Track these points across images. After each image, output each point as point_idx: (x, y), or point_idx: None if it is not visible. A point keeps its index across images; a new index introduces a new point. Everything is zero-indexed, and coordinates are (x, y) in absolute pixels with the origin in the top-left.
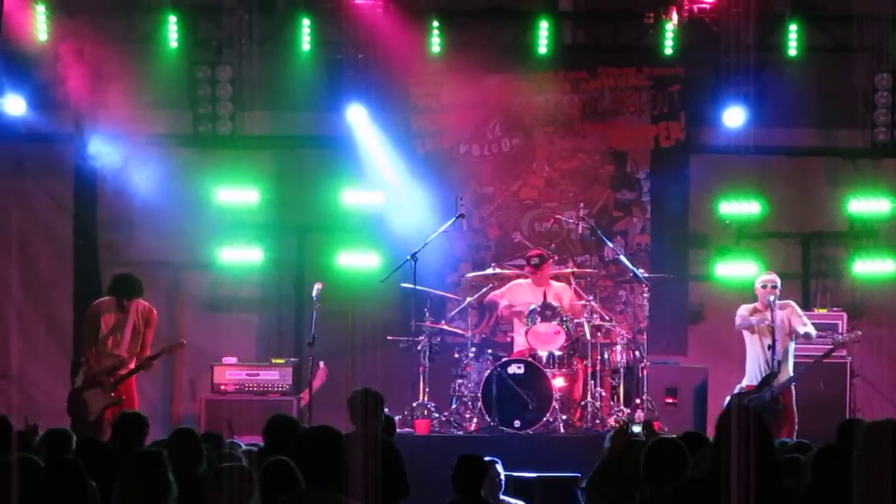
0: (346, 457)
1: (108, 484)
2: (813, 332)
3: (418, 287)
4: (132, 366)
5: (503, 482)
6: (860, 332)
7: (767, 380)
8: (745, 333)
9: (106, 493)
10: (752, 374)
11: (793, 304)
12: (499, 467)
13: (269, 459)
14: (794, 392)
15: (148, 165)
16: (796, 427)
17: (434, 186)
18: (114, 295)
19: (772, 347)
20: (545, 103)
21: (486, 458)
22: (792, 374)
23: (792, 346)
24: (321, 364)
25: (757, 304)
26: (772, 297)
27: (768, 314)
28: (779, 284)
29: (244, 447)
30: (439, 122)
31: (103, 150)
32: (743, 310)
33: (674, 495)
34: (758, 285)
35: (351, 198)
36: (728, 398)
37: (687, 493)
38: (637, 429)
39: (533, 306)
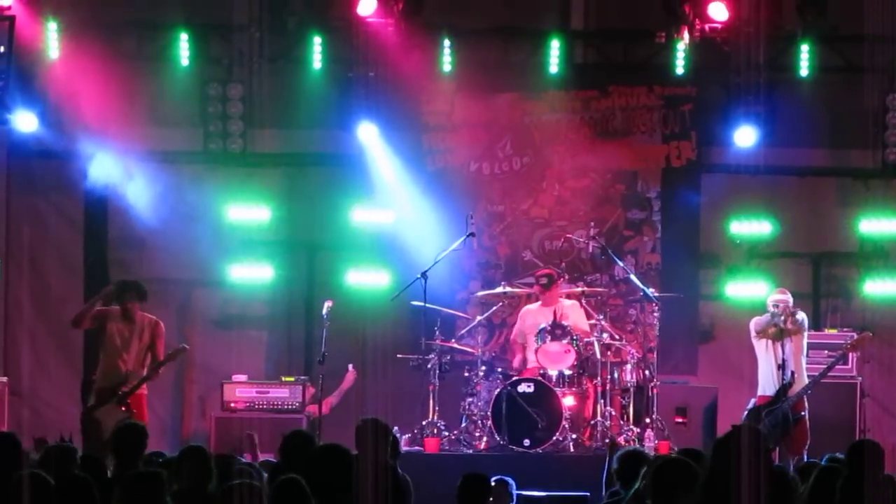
0: (356, 477)
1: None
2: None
3: (428, 305)
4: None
5: (514, 500)
6: (870, 333)
7: (783, 391)
8: (757, 346)
9: None
10: (765, 385)
11: (801, 315)
12: (511, 488)
13: (280, 477)
14: (807, 404)
15: (158, 183)
16: (808, 437)
17: (444, 204)
18: (119, 301)
19: (781, 367)
20: (556, 122)
21: (498, 477)
22: (806, 382)
23: (804, 358)
24: (350, 367)
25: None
26: (782, 318)
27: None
28: (791, 304)
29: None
30: (450, 140)
31: (114, 168)
32: (758, 320)
33: None
34: (770, 305)
35: (361, 216)
36: (745, 412)
37: None
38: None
39: (543, 325)
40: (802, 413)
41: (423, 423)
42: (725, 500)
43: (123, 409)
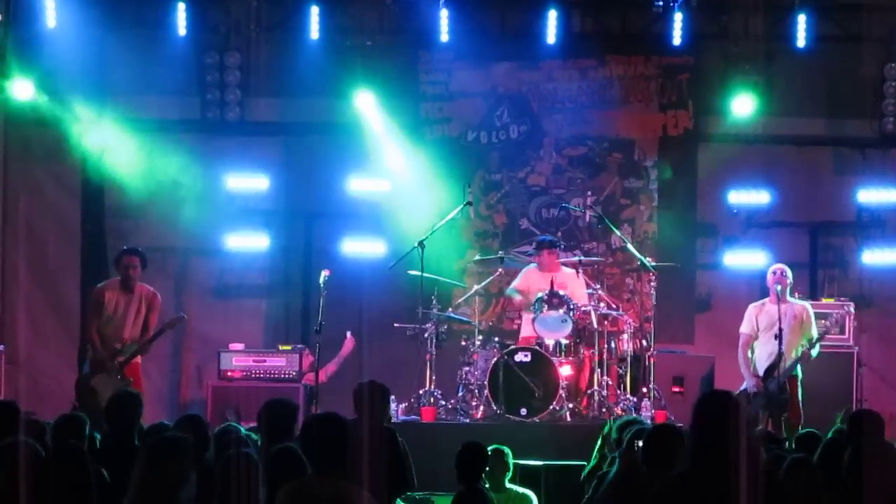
0: (352, 443)
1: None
2: (815, 351)
3: (425, 274)
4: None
5: (511, 469)
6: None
7: (770, 371)
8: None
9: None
10: (759, 366)
11: (809, 307)
12: (509, 457)
13: (276, 446)
14: (799, 381)
15: (156, 151)
16: (802, 417)
17: (442, 173)
18: (119, 267)
19: (778, 336)
20: (553, 91)
21: (495, 446)
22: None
23: (799, 340)
24: (348, 334)
25: (767, 300)
26: (779, 287)
27: (775, 308)
28: (788, 274)
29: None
30: (448, 110)
31: (112, 136)
32: (748, 318)
33: (657, 495)
34: (768, 275)
35: (357, 185)
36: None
37: (669, 490)
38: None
39: (540, 294)
40: (788, 393)
41: (420, 392)
42: (712, 465)
43: (119, 378)
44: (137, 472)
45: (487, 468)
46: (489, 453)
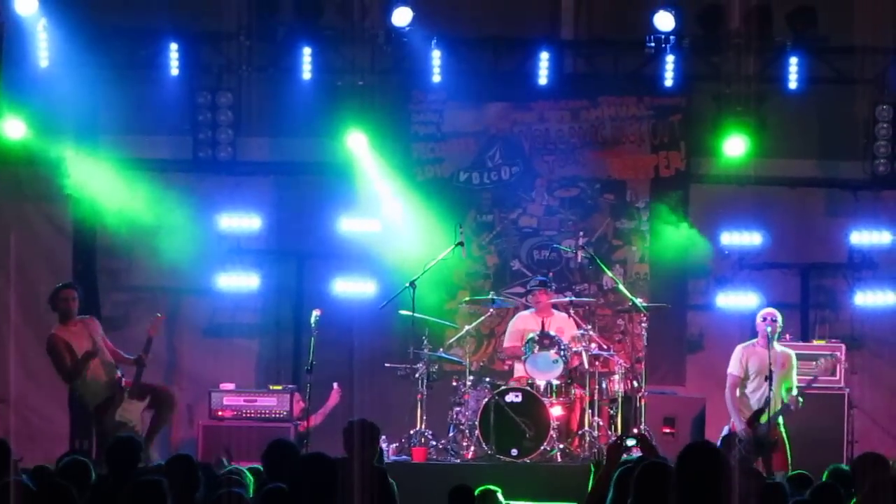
0: (341, 484)
1: None
2: (792, 402)
3: (417, 314)
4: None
5: None
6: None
7: (758, 415)
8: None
9: None
10: (751, 410)
11: (793, 355)
12: (499, 495)
13: (265, 487)
14: (783, 429)
15: (148, 190)
16: (790, 460)
17: (434, 214)
18: (54, 306)
19: (769, 378)
20: (545, 131)
21: (485, 487)
22: (780, 406)
23: (783, 384)
24: (335, 385)
25: (756, 342)
26: (769, 329)
27: (765, 352)
28: (778, 319)
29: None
30: (439, 150)
31: (103, 175)
32: (737, 358)
33: None
34: (758, 318)
35: (347, 225)
36: (720, 439)
37: None
38: (631, 442)
39: (531, 335)
40: (776, 439)
41: (411, 432)
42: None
43: (142, 398)
44: None
45: None
46: (478, 494)
